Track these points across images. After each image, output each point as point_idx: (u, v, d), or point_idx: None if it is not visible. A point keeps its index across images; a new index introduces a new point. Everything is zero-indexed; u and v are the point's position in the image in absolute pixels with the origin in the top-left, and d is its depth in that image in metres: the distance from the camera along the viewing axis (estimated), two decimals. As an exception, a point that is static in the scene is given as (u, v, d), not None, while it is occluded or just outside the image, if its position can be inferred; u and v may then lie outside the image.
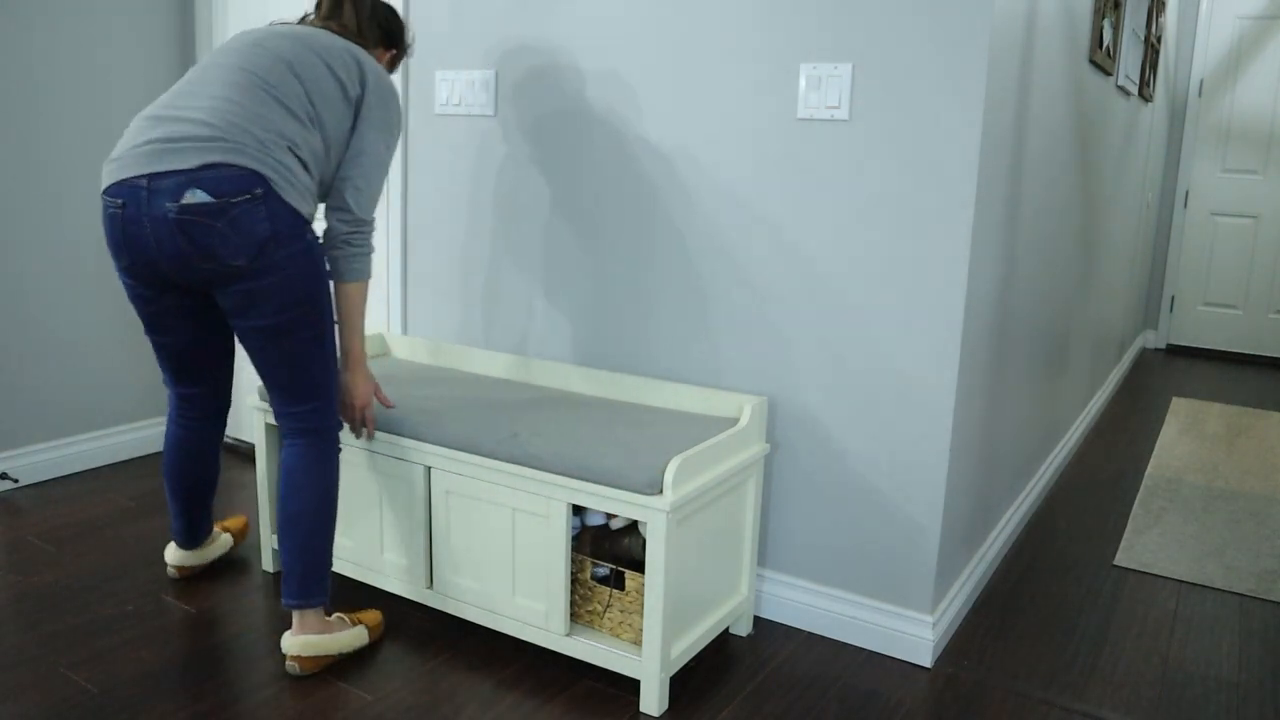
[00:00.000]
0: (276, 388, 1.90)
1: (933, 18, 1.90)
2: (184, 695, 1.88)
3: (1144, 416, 4.24)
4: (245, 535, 2.54)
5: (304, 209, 1.80)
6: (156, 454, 3.26)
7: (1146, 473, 3.44)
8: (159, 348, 2.03)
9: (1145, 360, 5.48)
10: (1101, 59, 3.04)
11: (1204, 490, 3.28)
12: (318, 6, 2.04)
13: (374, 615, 2.12)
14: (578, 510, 2.04)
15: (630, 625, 1.93)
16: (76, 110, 2.92)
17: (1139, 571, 2.62)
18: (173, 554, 2.35)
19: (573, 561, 1.98)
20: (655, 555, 1.80)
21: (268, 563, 2.45)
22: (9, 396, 2.89)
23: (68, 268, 2.97)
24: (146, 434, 3.25)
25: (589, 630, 1.99)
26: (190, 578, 2.38)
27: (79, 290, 3.01)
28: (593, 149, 2.37)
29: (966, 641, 2.20)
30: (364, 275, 1.96)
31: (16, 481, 2.92)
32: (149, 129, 1.75)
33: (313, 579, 1.94)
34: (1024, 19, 2.11)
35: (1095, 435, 3.92)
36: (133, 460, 3.20)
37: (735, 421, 2.13)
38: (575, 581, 1.99)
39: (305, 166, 1.82)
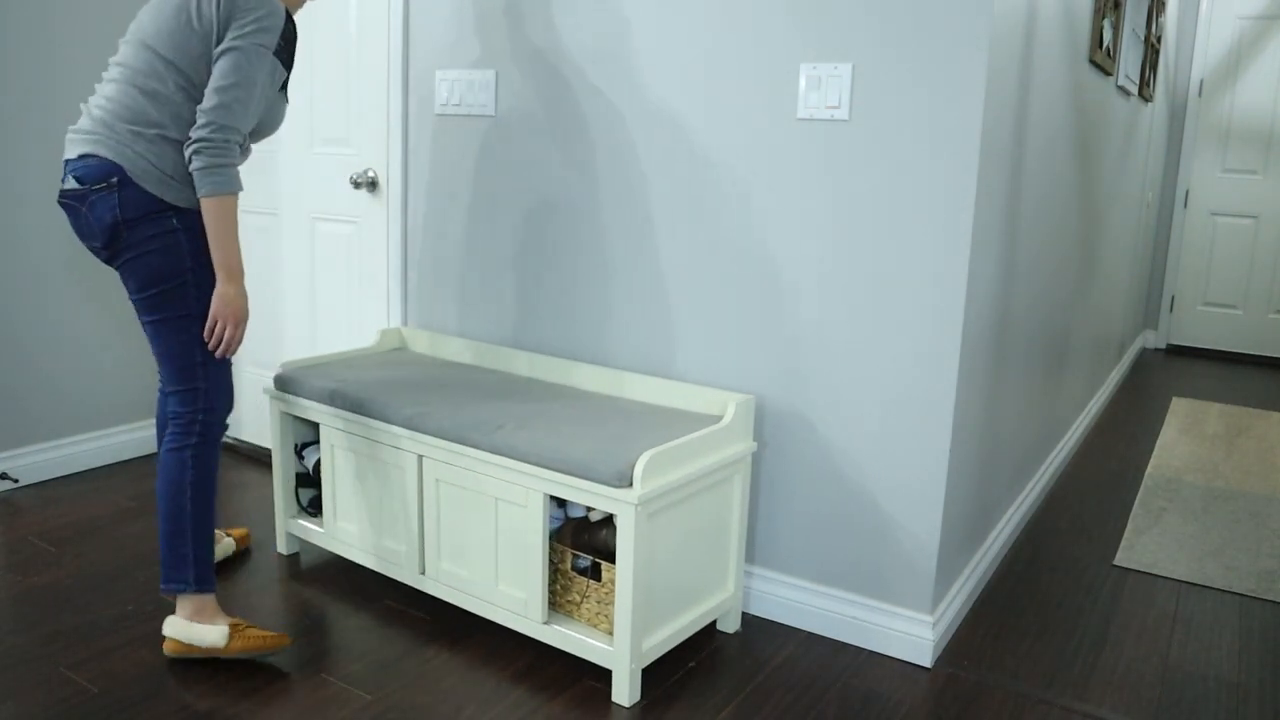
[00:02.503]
0: (158, 365, 1.99)
1: (933, 18, 1.90)
2: (184, 695, 1.88)
3: (1144, 416, 4.24)
4: (246, 543, 2.54)
5: (168, 195, 1.88)
6: (156, 454, 3.26)
7: (1146, 473, 3.44)
8: None
9: (1145, 360, 5.48)
10: (1101, 59, 3.04)
11: (1204, 490, 3.28)
12: None
13: (264, 635, 1.99)
14: (562, 502, 2.07)
15: (606, 616, 1.96)
16: (76, 110, 2.92)
17: (1139, 571, 2.62)
18: None
19: (554, 552, 2.02)
20: (624, 547, 1.83)
21: (282, 546, 2.53)
22: (9, 396, 2.89)
23: (68, 268, 2.97)
24: (146, 434, 3.25)
25: (568, 620, 2.02)
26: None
27: (79, 290, 3.01)
28: (592, 149, 2.37)
29: (966, 641, 2.20)
30: (224, 188, 1.86)
31: (16, 481, 2.92)
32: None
33: (170, 565, 1.97)
34: (1024, 19, 2.11)
35: (1095, 435, 3.92)
36: (133, 460, 3.20)
37: (720, 419, 2.14)
38: (557, 572, 2.03)
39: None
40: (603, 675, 2.00)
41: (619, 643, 1.88)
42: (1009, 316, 2.38)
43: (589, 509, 2.05)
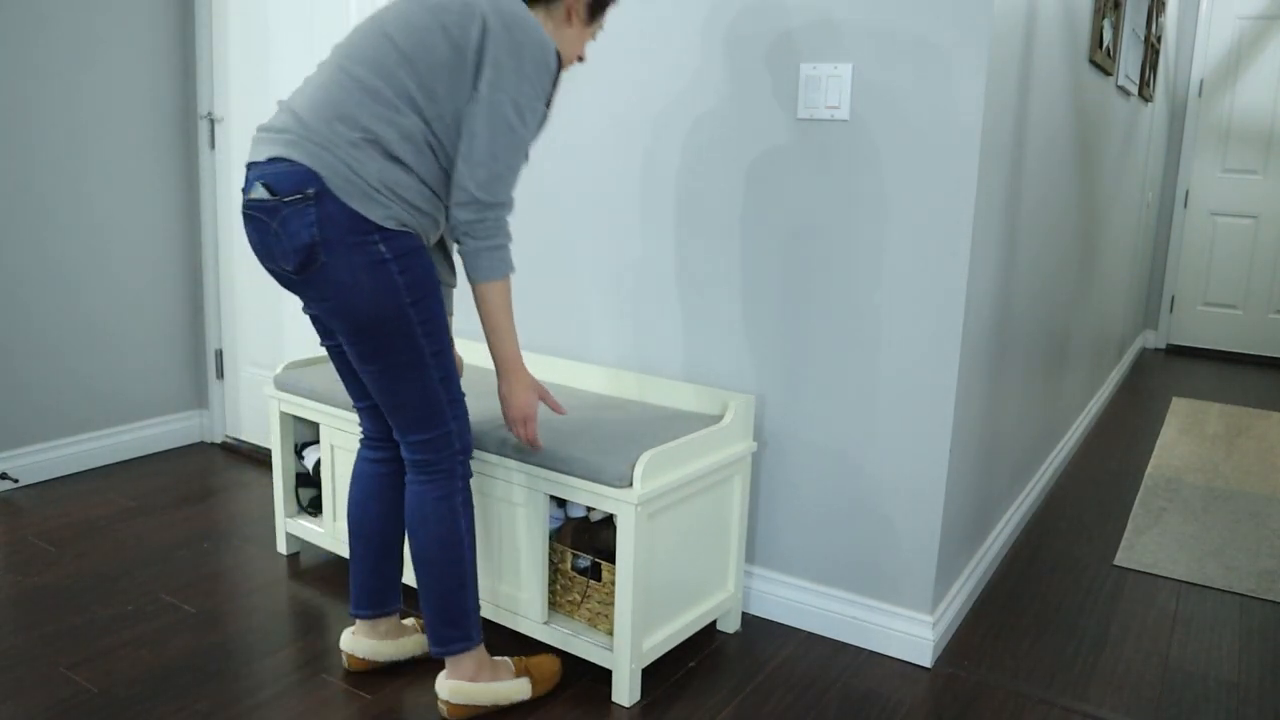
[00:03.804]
0: (386, 413, 1.72)
1: (933, 18, 1.90)
2: (184, 695, 1.88)
3: (1144, 416, 4.24)
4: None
5: (375, 212, 1.55)
6: (156, 454, 3.26)
7: (1146, 473, 3.44)
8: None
9: (1145, 360, 5.48)
10: (1101, 59, 3.04)
11: (1204, 490, 3.28)
12: None
13: (549, 664, 1.93)
14: (562, 502, 2.07)
15: (606, 616, 1.96)
16: (74, 110, 2.92)
17: (1139, 571, 2.62)
18: (352, 642, 1.96)
19: (554, 552, 2.02)
20: (625, 547, 1.83)
21: (282, 546, 2.53)
22: (9, 396, 2.89)
23: (67, 268, 2.97)
24: (146, 434, 3.25)
25: (568, 620, 2.02)
26: (189, 580, 2.38)
27: (79, 291, 3.01)
28: (590, 148, 2.37)
29: (966, 641, 2.20)
30: (497, 273, 1.64)
31: (16, 481, 2.92)
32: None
33: (447, 625, 1.77)
34: (1024, 19, 2.11)
35: (1095, 435, 3.92)
36: (133, 460, 3.20)
37: (720, 419, 2.14)
38: (557, 572, 2.02)
39: (397, 158, 1.56)
40: (602, 675, 2.00)
41: (619, 643, 1.89)
42: (1009, 316, 2.38)
43: (589, 509, 2.05)
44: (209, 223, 3.28)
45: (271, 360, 3.21)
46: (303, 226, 1.53)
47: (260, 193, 1.55)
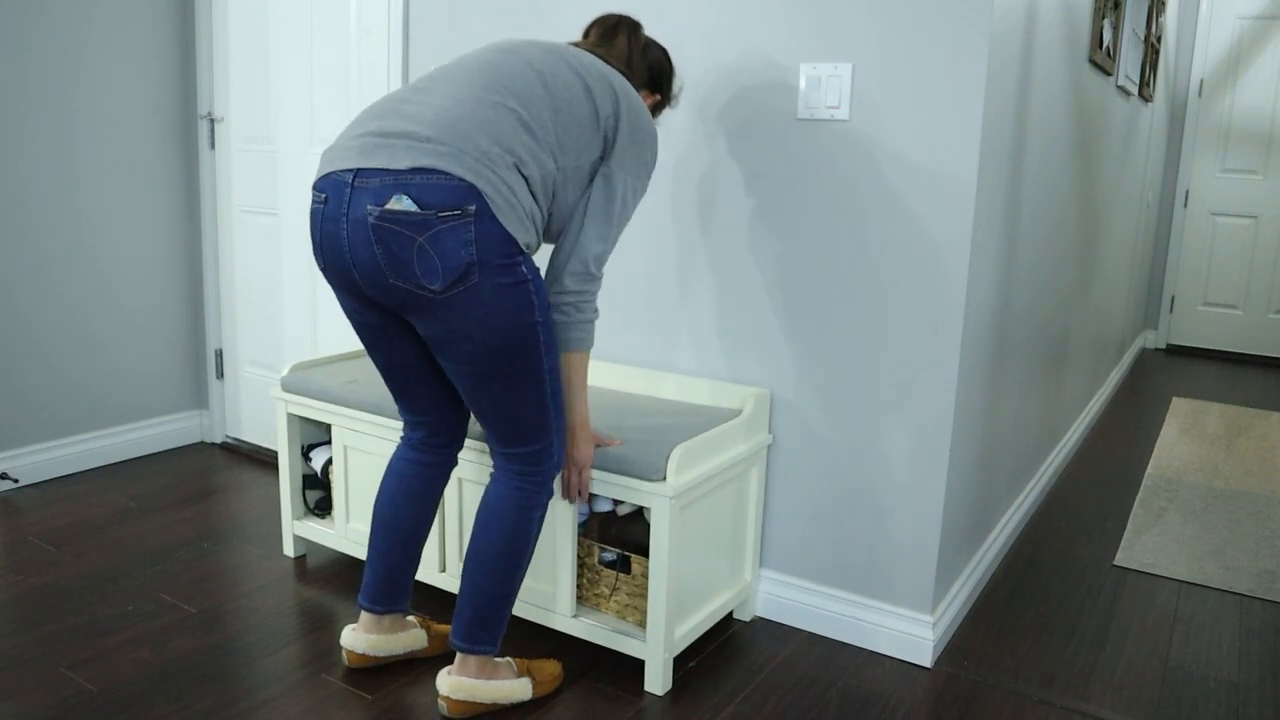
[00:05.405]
0: (486, 427, 1.71)
1: (933, 17, 1.90)
2: (184, 695, 1.88)
3: (1144, 416, 4.24)
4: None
5: (521, 236, 1.55)
6: (156, 454, 3.26)
7: (1146, 473, 3.44)
8: (375, 364, 1.80)
9: (1145, 360, 5.48)
10: (1101, 59, 3.04)
11: (1204, 490, 3.28)
12: (586, 33, 1.87)
13: (551, 667, 1.93)
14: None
15: (636, 608, 1.97)
16: (73, 110, 2.92)
17: (1139, 571, 2.62)
18: (353, 638, 1.96)
19: (580, 546, 2.03)
20: (659, 539, 1.85)
21: (289, 549, 2.51)
22: (9, 396, 2.89)
23: (66, 268, 2.97)
24: (146, 434, 3.25)
25: (595, 613, 2.04)
26: (189, 580, 2.38)
27: (78, 290, 3.01)
28: (593, 149, 2.37)
29: (966, 641, 2.20)
30: (585, 344, 1.73)
31: (16, 481, 2.92)
32: (368, 120, 1.58)
33: (481, 626, 1.77)
34: (1024, 19, 2.11)
35: (1095, 435, 3.92)
36: (133, 460, 3.20)
37: (739, 413, 2.15)
38: (583, 566, 2.03)
39: (531, 190, 1.58)
40: (622, 665, 2.00)
41: (653, 633, 1.90)
42: (1009, 316, 2.38)
43: (616, 503, 2.06)
44: (209, 223, 3.28)
45: (271, 360, 3.21)
46: (460, 245, 1.48)
47: (405, 204, 1.47)
